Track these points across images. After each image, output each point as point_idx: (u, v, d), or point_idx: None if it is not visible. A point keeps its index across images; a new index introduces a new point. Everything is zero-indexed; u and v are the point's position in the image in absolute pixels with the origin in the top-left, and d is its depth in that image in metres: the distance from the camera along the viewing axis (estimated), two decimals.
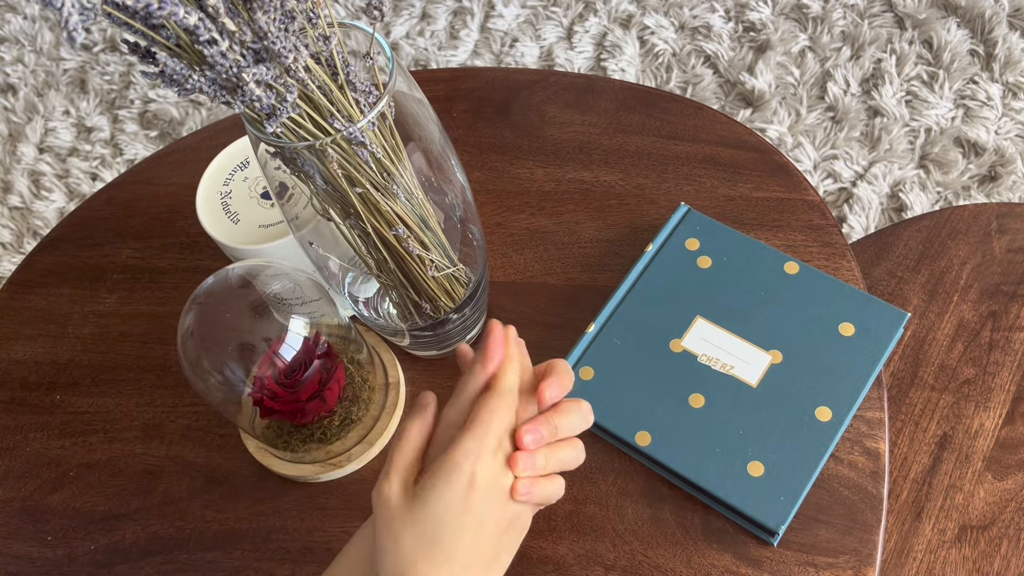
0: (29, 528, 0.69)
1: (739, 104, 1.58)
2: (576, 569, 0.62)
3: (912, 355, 0.83)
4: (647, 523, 0.63)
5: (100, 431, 0.73)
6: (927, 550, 0.74)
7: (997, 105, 1.51)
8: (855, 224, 1.41)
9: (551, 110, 0.84)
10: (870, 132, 1.51)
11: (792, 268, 0.70)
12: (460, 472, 0.46)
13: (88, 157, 1.70)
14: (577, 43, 1.70)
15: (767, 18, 1.66)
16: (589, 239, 0.76)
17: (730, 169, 0.78)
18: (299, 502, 0.68)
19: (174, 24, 0.43)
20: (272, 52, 0.45)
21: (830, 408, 0.64)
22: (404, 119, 0.54)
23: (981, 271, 0.86)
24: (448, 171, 0.60)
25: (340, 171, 0.52)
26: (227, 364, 0.60)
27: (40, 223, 1.63)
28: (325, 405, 0.64)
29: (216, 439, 0.71)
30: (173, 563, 0.66)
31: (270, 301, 0.61)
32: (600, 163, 0.80)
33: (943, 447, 0.78)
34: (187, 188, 0.84)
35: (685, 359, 0.68)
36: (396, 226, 0.55)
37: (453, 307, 0.65)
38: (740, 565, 0.61)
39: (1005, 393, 0.80)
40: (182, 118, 1.71)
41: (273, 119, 0.47)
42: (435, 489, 0.46)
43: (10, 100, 1.80)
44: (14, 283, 0.82)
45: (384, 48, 0.52)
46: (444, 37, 1.75)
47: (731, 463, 0.63)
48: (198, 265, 0.80)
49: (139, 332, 0.77)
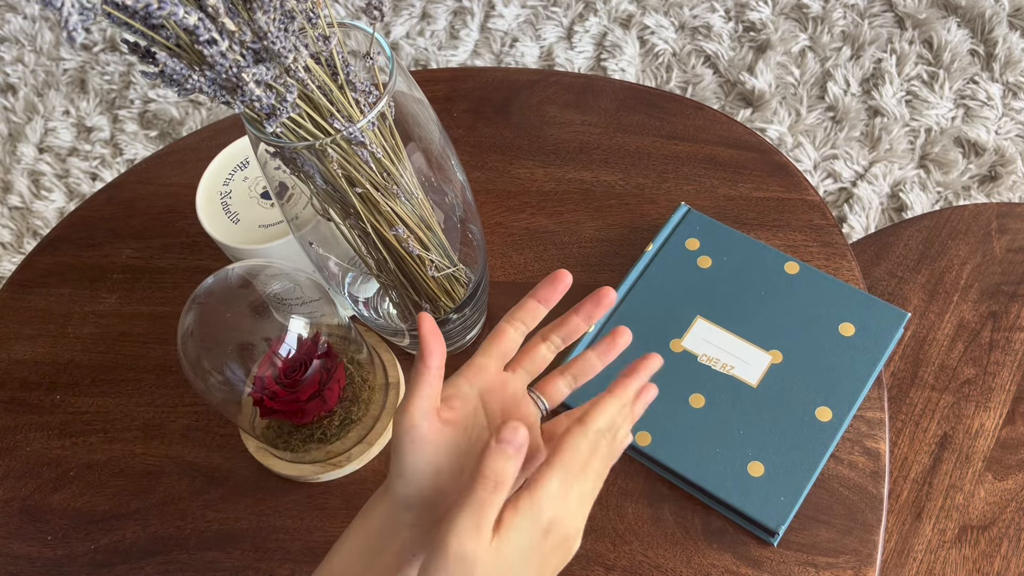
0: (29, 528, 0.69)
1: (739, 104, 1.58)
2: (576, 569, 0.62)
3: (912, 355, 0.82)
4: (647, 523, 0.63)
5: (100, 431, 0.73)
6: (927, 550, 0.74)
7: (997, 105, 1.51)
8: (855, 224, 1.41)
9: (551, 110, 0.84)
10: (870, 132, 1.51)
11: (792, 268, 0.70)
12: (543, 516, 0.43)
13: (88, 157, 1.69)
14: (577, 43, 1.70)
15: (767, 18, 1.66)
16: (589, 239, 0.76)
17: (730, 169, 0.78)
18: (299, 502, 0.68)
19: (174, 24, 0.42)
20: (272, 52, 0.45)
21: (830, 408, 0.64)
22: (404, 119, 0.54)
23: (981, 271, 0.86)
24: (448, 171, 0.60)
25: (340, 171, 0.52)
26: (227, 364, 0.60)
27: (40, 223, 1.63)
28: (325, 405, 0.64)
29: (216, 439, 0.71)
30: (173, 563, 0.66)
31: (270, 301, 0.61)
32: (600, 163, 0.80)
33: (943, 447, 0.78)
34: (187, 188, 0.84)
35: (685, 359, 0.68)
36: (396, 226, 0.55)
37: (453, 307, 0.65)
38: (740, 565, 0.61)
39: (1005, 393, 0.80)
40: (182, 118, 1.71)
41: (273, 119, 0.47)
42: (520, 535, 0.42)
43: (10, 100, 1.80)
44: (14, 283, 0.82)
45: (384, 48, 0.52)
46: (444, 37, 1.75)
47: (731, 463, 0.63)
48: (198, 265, 0.80)
49: (139, 332, 0.77)
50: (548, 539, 0.43)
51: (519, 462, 0.42)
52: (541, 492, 0.43)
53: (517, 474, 0.42)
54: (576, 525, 0.45)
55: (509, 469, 0.42)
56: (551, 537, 0.44)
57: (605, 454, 0.46)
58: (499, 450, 0.42)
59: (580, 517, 0.45)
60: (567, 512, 0.44)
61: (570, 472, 0.44)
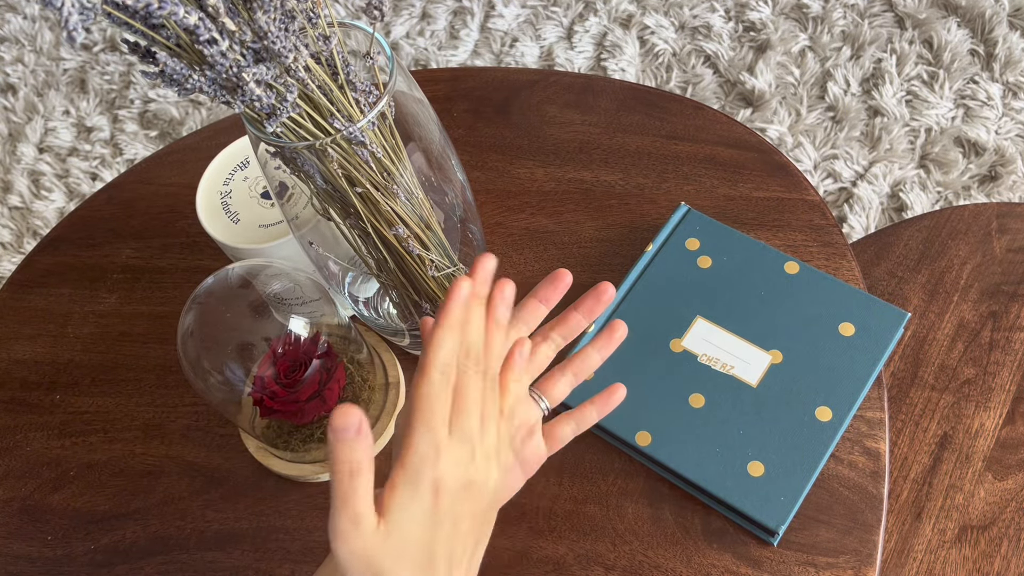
0: (29, 528, 0.69)
1: (739, 104, 1.58)
2: (576, 569, 0.62)
3: (912, 355, 0.83)
4: (647, 523, 0.63)
5: (100, 431, 0.73)
6: (927, 550, 0.74)
7: (997, 105, 1.51)
8: (855, 224, 1.41)
9: (551, 110, 0.84)
10: (870, 132, 1.51)
11: (792, 268, 0.70)
12: (422, 480, 0.41)
13: (88, 157, 1.69)
14: (577, 43, 1.70)
15: (767, 18, 1.66)
16: (589, 239, 0.76)
17: (730, 169, 0.78)
18: (299, 502, 0.68)
19: (174, 24, 0.42)
20: (272, 52, 0.45)
21: (830, 408, 0.64)
22: (404, 119, 0.54)
23: (981, 271, 0.86)
24: (448, 171, 0.60)
25: (340, 171, 0.52)
26: (227, 364, 0.60)
27: (40, 223, 1.63)
28: (325, 405, 0.64)
29: (216, 439, 0.71)
30: (173, 563, 0.66)
31: (270, 301, 0.61)
32: (600, 163, 0.80)
33: (943, 447, 0.78)
34: (187, 188, 0.84)
35: (685, 359, 0.68)
36: (396, 226, 0.55)
37: None
38: (740, 565, 0.61)
39: (1005, 393, 0.80)
40: (182, 118, 1.71)
41: (273, 119, 0.47)
42: (404, 510, 0.41)
43: (10, 100, 1.80)
44: (14, 283, 0.82)
45: (384, 48, 0.52)
46: (444, 37, 1.75)
47: (731, 463, 0.63)
48: (198, 265, 0.80)
49: (139, 332, 0.77)
50: (442, 497, 0.42)
51: (366, 442, 0.40)
52: (409, 457, 0.41)
53: (371, 453, 0.40)
54: (469, 470, 0.43)
55: (357, 454, 0.39)
56: (445, 493, 0.42)
57: (479, 385, 0.44)
58: (339, 440, 0.39)
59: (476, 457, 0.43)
60: (453, 463, 0.42)
61: (432, 423, 0.42)
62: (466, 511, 0.44)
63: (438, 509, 0.42)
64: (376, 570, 0.41)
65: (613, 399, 0.55)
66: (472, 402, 0.44)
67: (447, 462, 0.42)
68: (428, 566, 0.42)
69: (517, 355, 0.49)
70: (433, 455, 0.42)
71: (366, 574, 0.41)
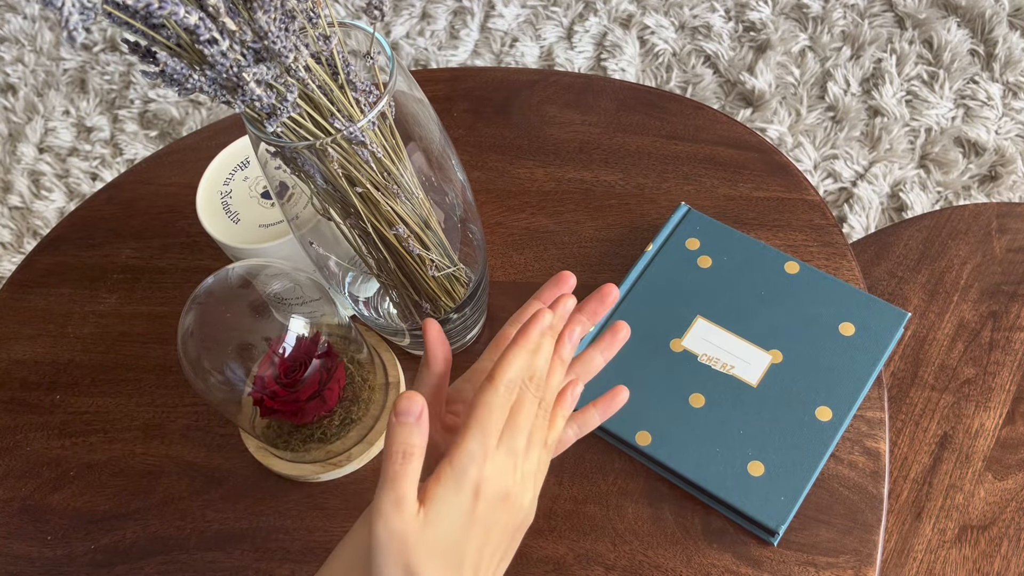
0: (29, 528, 0.69)
1: (739, 104, 1.58)
2: (576, 569, 0.62)
3: (912, 355, 0.83)
4: (647, 523, 0.63)
5: (100, 431, 0.73)
6: (927, 550, 0.74)
7: (997, 105, 1.51)
8: (855, 224, 1.41)
9: (551, 110, 0.84)
10: (870, 132, 1.51)
11: (792, 268, 0.70)
12: (466, 479, 0.43)
13: (88, 157, 1.69)
14: (577, 43, 1.70)
15: (767, 18, 1.66)
16: (589, 239, 0.76)
17: (730, 169, 0.78)
18: (299, 502, 0.68)
19: (174, 24, 0.42)
20: (272, 52, 0.45)
21: (830, 408, 0.64)
22: (404, 119, 0.54)
23: (981, 271, 0.86)
24: (448, 171, 0.60)
25: (340, 171, 0.52)
26: (227, 364, 0.60)
27: (40, 223, 1.63)
28: (325, 405, 0.64)
29: (216, 439, 0.71)
30: (173, 563, 0.66)
31: (270, 301, 0.61)
32: (600, 163, 0.80)
33: (943, 447, 0.78)
34: (187, 188, 0.84)
35: (685, 359, 0.68)
36: (396, 226, 0.55)
37: (453, 307, 0.65)
38: (740, 565, 0.61)
39: (1005, 393, 0.80)
40: (182, 118, 1.71)
41: (273, 119, 0.47)
42: (445, 503, 0.43)
43: (10, 100, 1.80)
44: (14, 283, 0.82)
45: (384, 48, 0.52)
46: (444, 37, 1.75)
47: (731, 463, 0.63)
48: (198, 265, 0.80)
49: (139, 332, 0.77)
50: (481, 501, 0.44)
51: (423, 429, 0.43)
52: (460, 455, 0.43)
53: (424, 442, 0.43)
54: (509, 482, 0.45)
55: (413, 439, 0.43)
56: (484, 498, 0.44)
57: (534, 410, 0.47)
58: (399, 423, 0.43)
59: (517, 472, 0.45)
60: (497, 471, 0.44)
61: (487, 430, 0.44)
62: (500, 521, 0.45)
63: (475, 512, 0.44)
64: (406, 561, 0.42)
65: (616, 402, 0.55)
66: (525, 422, 0.46)
67: (492, 468, 0.44)
68: (456, 568, 0.43)
69: (569, 394, 0.51)
70: (481, 458, 0.44)
71: (397, 563, 0.42)
